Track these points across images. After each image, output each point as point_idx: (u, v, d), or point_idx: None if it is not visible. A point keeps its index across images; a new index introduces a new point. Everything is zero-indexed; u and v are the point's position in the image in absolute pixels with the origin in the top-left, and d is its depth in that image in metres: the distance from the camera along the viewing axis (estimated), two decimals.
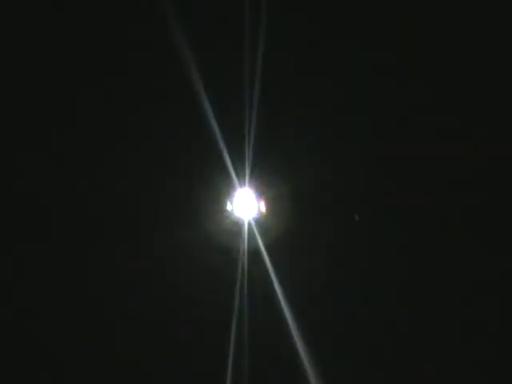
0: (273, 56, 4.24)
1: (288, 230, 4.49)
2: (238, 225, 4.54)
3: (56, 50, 4.33)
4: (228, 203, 4.54)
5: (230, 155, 4.35)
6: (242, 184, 4.48)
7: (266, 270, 4.43)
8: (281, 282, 4.40)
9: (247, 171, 4.42)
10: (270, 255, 4.46)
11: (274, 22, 4.21)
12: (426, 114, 4.40)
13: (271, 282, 4.41)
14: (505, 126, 4.32)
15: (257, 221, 4.55)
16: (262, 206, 4.55)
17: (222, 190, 4.51)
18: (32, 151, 4.36)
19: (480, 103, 4.34)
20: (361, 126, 4.43)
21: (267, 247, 4.47)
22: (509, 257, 4.36)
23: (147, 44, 4.30)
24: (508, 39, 4.27)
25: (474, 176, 4.36)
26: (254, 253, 4.47)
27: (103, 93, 4.34)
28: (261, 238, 4.50)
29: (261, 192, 4.53)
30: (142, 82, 4.33)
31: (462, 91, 4.35)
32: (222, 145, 4.32)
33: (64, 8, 4.26)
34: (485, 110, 4.33)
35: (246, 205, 4.55)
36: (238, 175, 4.43)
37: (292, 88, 4.37)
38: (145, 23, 4.25)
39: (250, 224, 4.54)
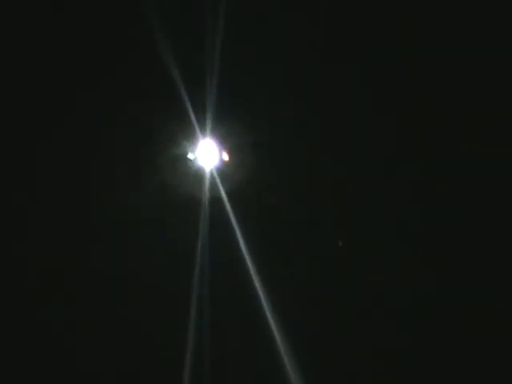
0: (237, 4, 4.19)
1: (249, 178, 4.55)
2: (199, 174, 4.58)
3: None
4: (190, 153, 4.56)
5: (191, 105, 4.35)
6: (203, 134, 4.49)
7: (228, 218, 4.51)
8: (242, 230, 4.49)
9: (208, 121, 4.43)
10: (231, 203, 4.53)
11: None
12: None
13: (233, 230, 4.49)
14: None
15: (218, 170, 4.59)
16: (224, 156, 4.58)
17: (184, 139, 4.52)
18: None
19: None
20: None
21: (229, 195, 4.54)
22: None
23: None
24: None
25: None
26: (216, 201, 4.53)
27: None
28: (222, 186, 4.56)
29: (222, 141, 4.56)
30: (105, 33, 4.26)
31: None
32: (183, 94, 4.30)
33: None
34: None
35: (207, 154, 4.57)
36: (199, 125, 4.44)
37: (254, 38, 4.35)
38: None
39: (211, 173, 4.58)
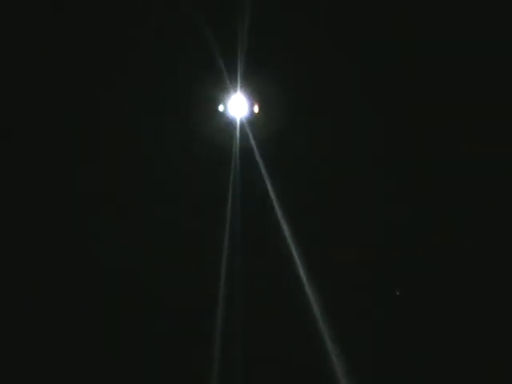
0: None
1: (279, 129, 4.66)
2: (230, 125, 4.72)
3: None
4: (221, 105, 4.71)
5: (222, 59, 4.48)
6: (234, 85, 4.62)
7: (258, 168, 4.65)
8: (271, 179, 4.63)
9: (239, 73, 4.55)
10: (261, 154, 4.66)
11: None
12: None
13: (263, 179, 4.63)
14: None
15: (249, 121, 4.72)
16: (254, 107, 4.71)
17: (215, 92, 4.66)
18: None
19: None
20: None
21: (259, 146, 4.67)
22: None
23: None
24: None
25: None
26: (247, 151, 4.67)
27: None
28: (253, 137, 4.69)
29: (252, 93, 4.69)
30: None
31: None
32: (215, 50, 4.44)
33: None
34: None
35: (238, 106, 4.71)
36: (230, 77, 4.56)
37: None
38: None
39: (242, 124, 4.72)
